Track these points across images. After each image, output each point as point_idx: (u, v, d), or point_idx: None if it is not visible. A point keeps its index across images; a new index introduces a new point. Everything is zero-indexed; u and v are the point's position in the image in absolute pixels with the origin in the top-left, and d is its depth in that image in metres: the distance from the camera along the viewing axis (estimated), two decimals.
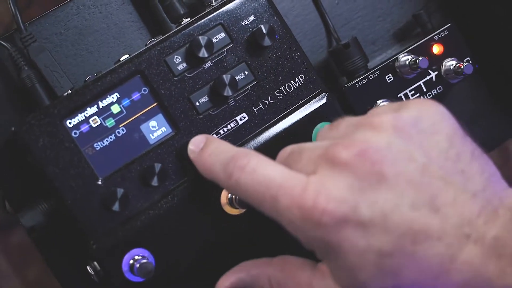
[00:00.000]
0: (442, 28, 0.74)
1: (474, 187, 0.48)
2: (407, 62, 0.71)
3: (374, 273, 0.47)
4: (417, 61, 0.70)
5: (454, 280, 0.46)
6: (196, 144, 0.59)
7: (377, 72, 0.71)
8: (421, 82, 0.73)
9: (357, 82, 0.71)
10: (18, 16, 0.63)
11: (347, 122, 0.52)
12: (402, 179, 0.47)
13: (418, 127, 0.49)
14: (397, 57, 0.72)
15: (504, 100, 0.79)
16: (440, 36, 0.73)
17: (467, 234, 0.46)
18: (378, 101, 0.70)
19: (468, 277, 0.46)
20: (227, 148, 0.55)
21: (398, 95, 0.72)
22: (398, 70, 0.72)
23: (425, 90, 0.73)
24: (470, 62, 0.73)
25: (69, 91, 0.62)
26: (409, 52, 0.72)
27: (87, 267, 0.60)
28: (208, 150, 0.57)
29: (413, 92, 0.72)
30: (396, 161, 0.47)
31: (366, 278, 0.47)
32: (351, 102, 0.70)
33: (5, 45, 0.63)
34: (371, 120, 0.50)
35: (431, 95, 0.73)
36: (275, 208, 0.49)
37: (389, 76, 0.72)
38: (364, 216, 0.46)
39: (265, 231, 0.67)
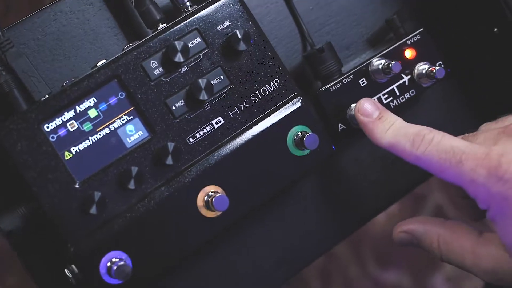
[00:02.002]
0: (414, 33, 0.75)
1: None
2: (380, 66, 0.72)
3: None
4: (390, 65, 0.71)
5: None
6: (369, 110, 0.66)
7: (351, 76, 0.72)
8: (394, 86, 0.74)
9: (331, 86, 0.72)
10: None
11: None
12: None
13: None
14: (371, 61, 0.73)
15: (476, 104, 0.81)
16: (412, 41, 0.74)
17: None
18: (352, 105, 0.71)
19: None
20: (407, 125, 0.63)
21: (372, 99, 0.73)
22: (371, 74, 0.73)
23: (398, 94, 0.74)
24: (442, 66, 0.74)
25: (47, 96, 0.62)
26: (382, 57, 0.73)
27: (65, 270, 0.60)
28: (388, 123, 0.64)
29: (386, 96, 0.73)
30: None
31: None
32: (325, 105, 0.71)
33: None
34: None
35: (404, 99, 0.74)
36: (459, 171, 0.57)
37: (363, 80, 0.73)
38: None
39: (240, 233, 0.69)
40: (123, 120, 0.62)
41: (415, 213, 1.51)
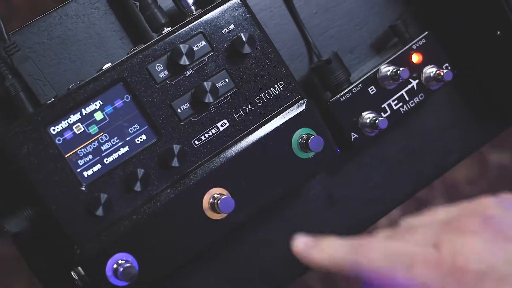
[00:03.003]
0: (420, 37, 0.75)
1: None
2: (388, 73, 0.72)
3: None
4: (399, 72, 0.71)
5: None
6: (305, 242, 0.58)
7: (360, 85, 0.73)
8: (403, 92, 0.74)
9: (341, 96, 0.72)
10: (2, 25, 0.64)
11: (447, 208, 0.58)
12: None
13: (503, 207, 0.55)
14: (378, 68, 0.73)
15: (480, 106, 0.81)
16: (418, 45, 0.75)
17: None
18: (363, 113, 0.72)
19: None
20: (345, 240, 0.58)
21: (382, 106, 0.73)
22: (380, 81, 0.73)
23: (407, 99, 0.74)
24: (449, 68, 0.75)
25: (53, 99, 0.63)
26: (389, 63, 0.73)
27: (71, 272, 0.61)
28: (325, 242, 0.58)
29: (396, 101, 0.74)
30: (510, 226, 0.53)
31: None
32: (337, 116, 0.71)
33: None
34: (478, 203, 0.56)
35: (414, 103, 0.74)
36: (409, 276, 0.52)
37: (372, 88, 0.73)
38: (501, 271, 0.50)
39: (246, 235, 0.69)
40: (128, 122, 0.62)
41: None
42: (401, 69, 0.71)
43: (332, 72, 0.73)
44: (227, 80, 0.65)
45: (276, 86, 0.66)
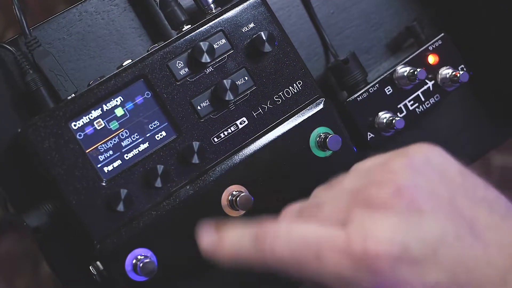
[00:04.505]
0: (436, 39, 0.76)
1: (499, 210, 0.48)
2: (405, 74, 0.73)
3: None
4: (416, 73, 0.72)
5: None
6: (207, 233, 0.54)
7: (377, 85, 0.73)
8: (419, 92, 0.74)
9: (358, 96, 0.72)
10: (24, 20, 0.64)
11: (356, 172, 0.52)
12: (438, 211, 0.47)
13: (430, 166, 0.49)
14: (395, 69, 0.74)
15: (492, 109, 0.82)
16: (434, 46, 0.75)
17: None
18: (380, 113, 0.72)
19: None
20: (246, 226, 0.53)
21: (398, 106, 0.74)
22: (396, 82, 0.74)
23: (423, 99, 0.74)
24: (465, 69, 0.75)
25: (73, 95, 0.63)
26: (406, 64, 0.74)
27: (90, 267, 0.61)
28: (228, 233, 0.53)
29: (412, 102, 0.74)
30: (427, 196, 0.47)
31: None
32: (353, 115, 0.72)
33: (10, 49, 0.64)
34: (385, 167, 0.50)
35: (429, 104, 0.74)
36: (320, 266, 0.47)
37: (388, 88, 0.73)
38: (415, 253, 0.45)
39: None
40: (149, 119, 0.63)
41: None
42: (418, 70, 0.72)
43: (349, 72, 0.73)
44: (246, 78, 0.65)
45: (294, 85, 0.67)
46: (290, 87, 0.67)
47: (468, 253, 0.46)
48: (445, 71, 0.75)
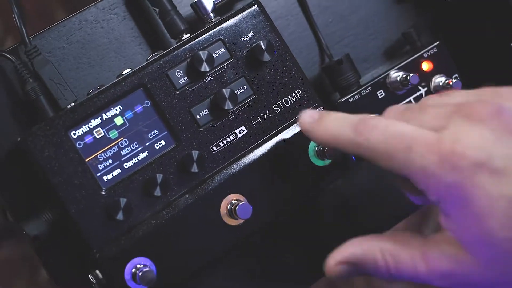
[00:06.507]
0: (431, 46, 0.76)
1: None
2: (398, 78, 0.73)
3: (502, 222, 0.49)
4: (408, 77, 0.72)
5: None
6: (310, 115, 0.60)
7: (369, 88, 0.73)
8: (411, 98, 0.75)
9: (349, 98, 0.73)
10: (23, 29, 0.64)
11: (470, 91, 0.56)
12: None
13: None
14: (388, 73, 0.74)
15: None
16: (429, 54, 0.75)
17: None
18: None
19: None
20: (349, 115, 0.58)
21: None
22: (389, 86, 0.74)
23: None
24: (459, 78, 0.76)
25: (73, 104, 0.63)
26: (399, 69, 0.74)
27: (89, 275, 0.61)
28: (330, 118, 0.58)
29: None
30: None
31: (493, 226, 0.49)
32: None
33: (10, 57, 0.64)
34: (495, 90, 0.54)
35: None
36: (407, 158, 0.52)
37: (381, 92, 0.74)
38: (498, 164, 0.49)
39: (263, 241, 0.69)
40: (148, 128, 0.63)
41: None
42: (411, 74, 0.72)
43: (342, 73, 0.74)
44: (245, 87, 0.66)
45: (293, 93, 0.67)
46: (289, 96, 0.67)
47: None
48: (439, 79, 0.75)
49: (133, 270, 0.60)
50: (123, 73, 0.64)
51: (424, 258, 0.53)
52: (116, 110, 0.62)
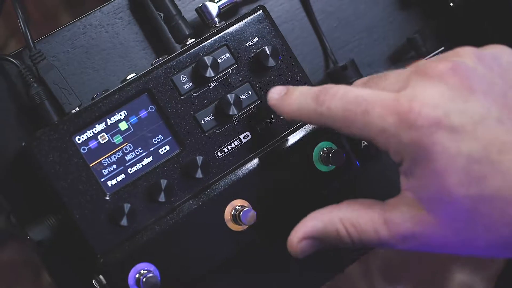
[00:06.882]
0: (436, 52, 0.76)
1: None
2: None
3: (461, 179, 0.49)
4: None
5: None
6: (278, 91, 0.60)
7: None
8: None
9: None
10: (28, 33, 0.64)
11: (430, 58, 0.58)
12: (488, 96, 0.51)
13: (497, 62, 0.53)
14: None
15: None
16: None
17: None
18: None
19: None
20: (312, 87, 0.58)
21: None
22: None
23: None
24: None
25: (77, 108, 0.63)
26: None
27: (93, 281, 0.61)
28: (295, 92, 0.59)
29: None
30: (483, 80, 0.52)
31: (453, 183, 0.50)
32: None
33: (15, 62, 0.64)
34: (455, 51, 0.55)
35: None
36: (366, 121, 0.52)
37: None
38: (455, 121, 0.50)
39: (267, 247, 0.69)
40: (153, 133, 0.63)
41: None
42: None
43: (347, 78, 0.73)
44: (250, 92, 0.66)
45: None
46: None
47: (505, 137, 0.50)
48: None
49: (137, 275, 0.60)
50: (128, 78, 0.64)
51: (385, 222, 0.53)
52: (121, 115, 0.62)
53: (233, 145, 0.65)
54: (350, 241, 0.55)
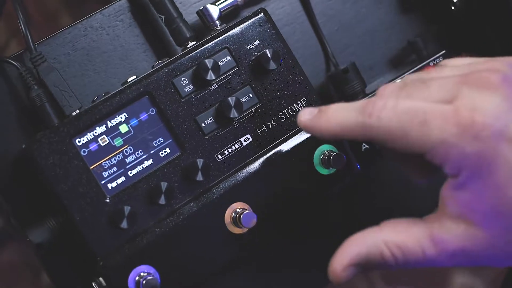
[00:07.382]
0: (437, 55, 0.76)
1: None
2: None
3: None
4: None
5: None
6: (309, 111, 0.57)
7: None
8: None
9: None
10: (29, 35, 0.64)
11: (464, 61, 0.56)
12: None
13: None
14: (394, 82, 0.74)
15: None
16: (435, 63, 0.75)
17: None
18: None
19: None
20: (349, 103, 0.56)
21: None
22: None
23: None
24: None
25: (77, 111, 0.63)
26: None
27: (93, 283, 0.61)
28: (331, 109, 0.56)
29: None
30: None
31: None
32: None
33: (15, 64, 0.64)
34: (490, 61, 0.54)
35: None
36: (423, 132, 0.51)
37: None
38: None
39: (267, 249, 0.69)
40: (153, 136, 0.63)
41: None
42: None
43: (348, 81, 0.73)
44: (251, 95, 0.66)
45: (299, 102, 0.67)
46: (294, 105, 0.67)
47: None
48: None
49: (137, 278, 0.60)
50: (129, 80, 0.64)
51: (431, 240, 0.52)
52: (121, 117, 0.62)
53: (233, 148, 0.65)
54: (394, 263, 0.53)
